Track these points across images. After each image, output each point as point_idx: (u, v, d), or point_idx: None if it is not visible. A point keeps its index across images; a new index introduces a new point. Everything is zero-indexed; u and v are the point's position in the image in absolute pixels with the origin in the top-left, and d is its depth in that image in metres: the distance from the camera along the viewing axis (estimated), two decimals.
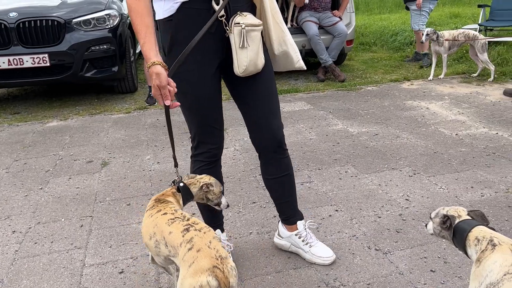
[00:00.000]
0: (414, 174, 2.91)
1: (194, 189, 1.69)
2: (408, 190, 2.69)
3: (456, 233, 1.33)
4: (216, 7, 1.62)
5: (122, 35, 5.00)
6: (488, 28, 6.63)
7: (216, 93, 1.79)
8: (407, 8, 6.28)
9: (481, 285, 1.15)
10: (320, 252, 2.04)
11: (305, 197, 2.67)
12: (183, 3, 1.62)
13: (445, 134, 3.59)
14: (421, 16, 5.99)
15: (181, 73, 1.68)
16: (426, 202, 2.54)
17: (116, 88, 5.31)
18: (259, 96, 1.81)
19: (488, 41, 5.59)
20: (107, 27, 4.81)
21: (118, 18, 4.95)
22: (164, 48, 1.72)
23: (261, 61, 1.72)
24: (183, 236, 1.37)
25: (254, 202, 2.63)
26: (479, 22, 6.66)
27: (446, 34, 5.09)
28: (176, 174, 1.72)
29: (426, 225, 1.51)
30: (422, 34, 5.25)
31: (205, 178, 1.72)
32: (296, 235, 2.06)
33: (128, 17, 5.34)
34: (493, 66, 5.22)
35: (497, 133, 3.53)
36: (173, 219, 1.46)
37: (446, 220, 1.35)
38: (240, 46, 1.64)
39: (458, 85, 5.09)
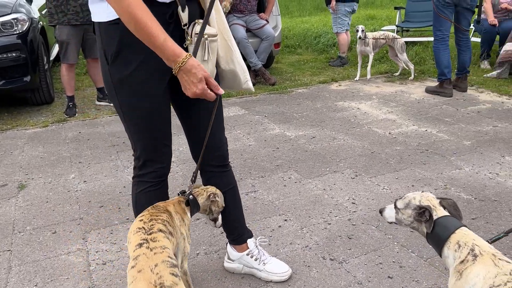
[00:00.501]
0: (356, 176, 2.90)
1: (201, 200, 1.65)
2: (353, 193, 2.67)
3: (435, 230, 1.25)
4: (182, 15, 1.44)
5: (34, 41, 4.51)
6: (405, 29, 7.01)
7: (168, 105, 1.61)
8: None
9: None
10: (275, 268, 1.92)
11: (251, 208, 2.54)
12: None
13: (379, 133, 3.66)
14: (338, 19, 6.17)
15: (130, 83, 1.47)
16: (372, 205, 2.53)
17: (30, 99, 4.79)
18: (207, 110, 1.65)
19: (406, 41, 5.88)
20: (15, 32, 4.32)
21: (27, 23, 4.46)
22: (107, 55, 1.47)
23: (214, 74, 1.58)
24: (133, 250, 1.26)
25: (198, 219, 2.45)
26: (396, 23, 7.02)
27: (370, 35, 5.26)
28: (190, 188, 1.64)
29: (381, 212, 1.46)
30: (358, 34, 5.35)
31: (211, 188, 1.69)
32: (247, 254, 1.92)
33: (39, 21, 4.85)
34: (413, 65, 5.49)
35: (426, 130, 3.67)
36: (140, 228, 1.35)
37: (424, 212, 1.27)
38: (203, 59, 1.49)
39: (383, 85, 5.28)
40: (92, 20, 1.49)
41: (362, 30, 5.23)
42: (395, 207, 1.39)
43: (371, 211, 2.46)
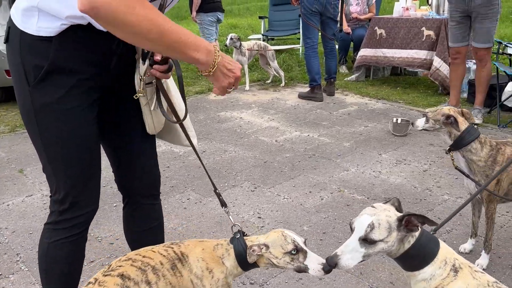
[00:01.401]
0: (256, 188, 2.86)
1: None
2: (257, 207, 2.62)
3: (421, 246, 1.12)
4: (141, 67, 1.29)
5: None
6: (270, 37, 7.31)
7: (98, 135, 1.36)
8: None
9: None
10: None
11: None
12: (77, 27, 1.15)
13: (266, 142, 3.70)
14: (204, 29, 6.17)
15: (56, 110, 1.21)
16: (277, 216, 2.51)
17: None
18: (142, 139, 1.47)
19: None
20: None
21: None
22: (28, 74, 1.18)
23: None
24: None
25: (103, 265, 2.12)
26: (262, 32, 7.28)
27: (245, 45, 5.33)
28: (235, 227, 1.37)
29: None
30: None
31: (274, 234, 1.29)
32: None
33: None
34: (283, 72, 5.74)
35: (308, 135, 3.83)
36: (108, 266, 1.21)
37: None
38: (153, 108, 1.36)
39: (258, 93, 5.40)
40: (10, 23, 1.20)
41: (231, 38, 5.26)
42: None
43: (277, 224, 2.43)
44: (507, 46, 4.29)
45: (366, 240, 1.10)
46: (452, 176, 2.93)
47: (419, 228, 1.12)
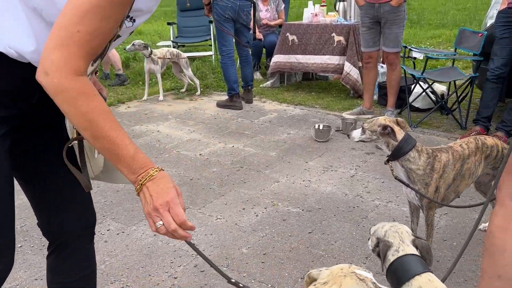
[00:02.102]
0: (185, 210, 2.64)
1: None
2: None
3: (396, 266, 1.12)
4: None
5: None
6: (180, 44, 7.04)
7: (12, 175, 1.10)
8: None
9: None
10: None
11: None
12: None
13: (190, 156, 3.48)
14: None
15: None
16: (212, 240, 2.32)
17: None
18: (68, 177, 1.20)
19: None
20: None
21: None
22: None
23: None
24: None
25: None
26: (171, 39, 6.99)
27: (157, 53, 5.03)
28: None
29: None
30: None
31: None
32: None
33: None
34: (198, 80, 5.54)
35: (233, 146, 3.68)
36: None
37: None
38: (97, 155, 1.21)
39: (174, 102, 5.14)
40: None
41: (133, 44, 4.93)
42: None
43: (215, 249, 2.24)
44: (411, 50, 4.56)
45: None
46: (379, 180, 2.98)
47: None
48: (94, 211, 1.34)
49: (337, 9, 5.48)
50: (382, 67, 4.86)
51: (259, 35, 6.16)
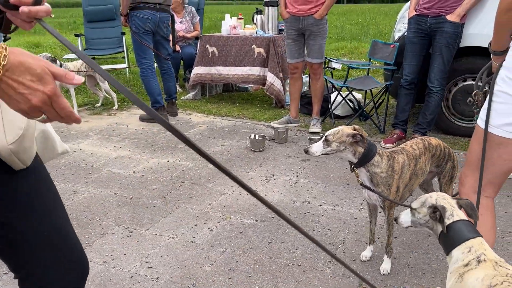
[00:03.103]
0: (131, 232, 2.45)
1: None
2: (141, 255, 2.23)
3: (451, 232, 1.25)
4: None
5: None
6: (90, 57, 6.62)
7: None
8: None
9: None
10: None
11: None
12: None
13: (123, 175, 3.25)
14: None
15: None
16: (170, 262, 2.18)
17: None
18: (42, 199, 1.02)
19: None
20: None
21: None
22: None
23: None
24: None
25: None
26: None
27: (70, 66, 4.65)
28: None
29: (396, 220, 1.46)
30: None
31: None
32: None
33: None
34: (115, 94, 5.25)
35: (168, 161, 3.53)
36: None
37: (436, 211, 1.31)
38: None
39: (91, 118, 4.79)
40: None
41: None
42: (411, 209, 1.40)
43: (175, 271, 2.11)
44: (331, 61, 4.81)
45: (411, 207, 1.41)
46: (321, 185, 3.07)
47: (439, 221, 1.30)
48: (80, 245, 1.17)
49: (255, 21, 5.59)
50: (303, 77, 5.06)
51: (177, 47, 6.04)
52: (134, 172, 3.31)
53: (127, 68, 6.64)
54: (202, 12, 7.08)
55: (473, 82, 3.97)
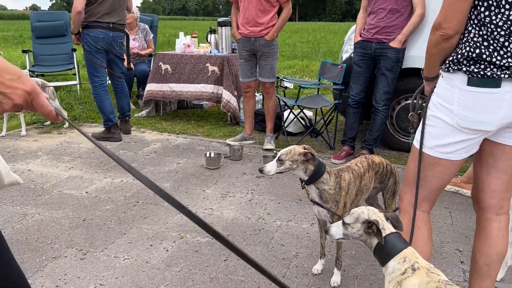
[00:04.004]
0: (85, 254, 2.42)
1: None
2: (95, 277, 2.21)
3: (386, 244, 1.35)
4: None
5: None
6: (38, 73, 6.43)
7: None
8: None
9: None
10: None
11: None
12: None
13: (75, 195, 3.19)
14: None
15: None
16: (126, 283, 2.17)
17: None
18: None
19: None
20: None
21: None
22: None
23: None
24: None
25: None
26: (28, 68, 6.34)
27: None
28: None
29: (327, 231, 1.51)
30: None
31: None
32: None
33: None
34: (65, 112, 5.14)
35: (122, 180, 3.50)
36: None
37: (372, 226, 1.38)
38: None
39: (40, 137, 4.65)
40: None
41: None
42: (343, 223, 1.46)
43: None
44: (282, 80, 4.97)
45: (343, 221, 1.47)
46: (275, 202, 3.17)
47: (375, 234, 1.39)
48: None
49: (209, 40, 5.68)
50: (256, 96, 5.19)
51: (130, 65, 6.00)
52: (86, 192, 3.26)
53: (78, 85, 6.50)
54: (155, 29, 7.09)
55: (415, 101, 4.25)
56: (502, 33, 1.36)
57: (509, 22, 1.35)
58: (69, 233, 2.65)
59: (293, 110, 4.68)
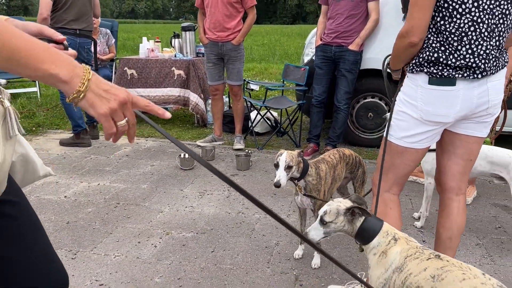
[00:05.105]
0: (75, 254, 2.50)
1: None
2: (90, 274, 2.30)
3: (367, 225, 1.53)
4: None
5: None
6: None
7: None
8: None
9: (387, 271, 1.46)
10: None
11: None
12: None
13: (54, 200, 3.23)
14: None
15: None
16: (121, 278, 2.28)
17: None
18: (26, 227, 1.09)
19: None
20: None
21: None
22: None
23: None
24: None
25: None
26: None
27: None
28: None
29: (305, 236, 1.55)
30: None
31: None
32: None
33: None
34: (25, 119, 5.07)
35: (99, 184, 3.56)
36: None
37: (354, 211, 1.54)
38: (11, 135, 0.98)
39: None
40: None
41: None
42: (323, 223, 1.58)
43: (127, 285, 2.22)
44: (248, 83, 5.18)
45: (322, 221, 1.59)
46: None
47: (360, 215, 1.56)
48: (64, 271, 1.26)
49: (173, 45, 5.79)
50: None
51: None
52: (65, 196, 3.30)
53: (38, 92, 6.39)
54: (116, 34, 7.08)
55: (372, 100, 4.60)
56: (456, 38, 1.63)
57: (460, 29, 1.62)
58: (55, 235, 2.71)
59: (259, 111, 4.89)
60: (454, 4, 1.61)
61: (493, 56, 1.65)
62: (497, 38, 1.64)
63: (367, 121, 4.65)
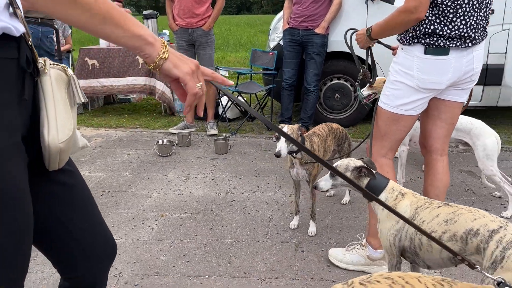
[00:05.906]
0: None
1: None
2: None
3: (374, 182, 1.66)
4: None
5: None
6: None
7: (30, 196, 0.89)
8: None
9: (398, 223, 1.61)
10: None
11: None
12: None
13: None
14: None
15: None
16: (126, 259, 2.30)
17: None
18: (83, 195, 1.10)
19: None
20: None
21: None
22: None
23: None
24: None
25: None
26: None
27: None
28: None
29: (316, 187, 1.75)
30: None
31: None
32: None
33: None
34: None
35: (84, 174, 3.48)
36: None
37: (361, 170, 1.67)
38: (75, 102, 1.01)
39: None
40: None
41: None
42: (332, 175, 1.73)
43: (134, 265, 2.24)
44: (218, 69, 5.21)
45: (332, 174, 1.75)
46: (236, 178, 3.44)
47: (365, 176, 1.69)
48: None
49: None
50: None
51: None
52: None
53: None
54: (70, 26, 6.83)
55: (339, 81, 4.80)
56: (451, 10, 1.79)
57: (455, 2, 1.79)
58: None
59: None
60: None
61: (481, 26, 1.84)
62: (485, 9, 1.82)
63: (334, 102, 4.85)
